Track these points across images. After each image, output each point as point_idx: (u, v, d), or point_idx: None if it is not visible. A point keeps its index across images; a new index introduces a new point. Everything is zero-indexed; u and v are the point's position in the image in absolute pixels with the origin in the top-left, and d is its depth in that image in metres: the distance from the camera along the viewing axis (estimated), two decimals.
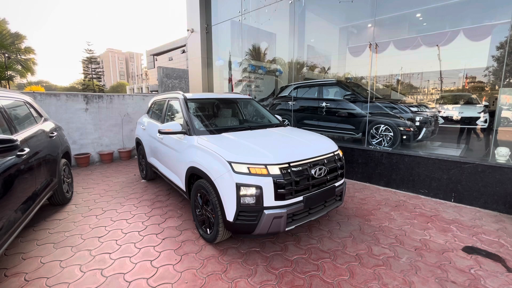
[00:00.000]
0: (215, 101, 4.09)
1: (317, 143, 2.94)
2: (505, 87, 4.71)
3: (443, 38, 6.28)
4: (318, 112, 6.53)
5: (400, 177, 4.32)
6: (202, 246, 2.71)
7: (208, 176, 2.53)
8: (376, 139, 5.32)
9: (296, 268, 2.35)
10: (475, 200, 3.63)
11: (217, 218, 2.50)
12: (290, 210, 2.37)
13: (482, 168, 3.54)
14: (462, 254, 2.57)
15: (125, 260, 2.47)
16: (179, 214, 3.48)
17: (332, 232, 2.99)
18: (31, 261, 2.45)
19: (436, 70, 7.02)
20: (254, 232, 2.34)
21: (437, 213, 3.47)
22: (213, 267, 2.37)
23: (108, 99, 6.41)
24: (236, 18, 7.71)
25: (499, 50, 5.79)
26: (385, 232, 2.99)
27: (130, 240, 2.82)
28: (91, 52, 41.27)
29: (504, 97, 4.54)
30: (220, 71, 8.83)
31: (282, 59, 8.89)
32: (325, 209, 2.76)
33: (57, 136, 3.63)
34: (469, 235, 2.91)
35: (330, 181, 2.74)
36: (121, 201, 3.95)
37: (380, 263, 2.41)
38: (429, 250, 2.62)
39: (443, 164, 3.86)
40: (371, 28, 6.69)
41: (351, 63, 7.98)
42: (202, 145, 2.78)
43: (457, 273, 2.27)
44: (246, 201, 2.30)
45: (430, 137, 5.59)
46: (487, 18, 5.72)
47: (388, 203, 3.84)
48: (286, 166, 2.39)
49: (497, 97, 6.10)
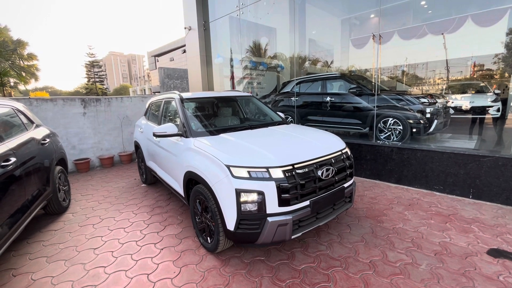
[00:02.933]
0: (213, 100, 3.89)
1: (323, 142, 2.72)
2: None
3: (450, 25, 5.94)
4: (322, 107, 6.28)
5: (412, 173, 4.07)
6: (202, 256, 2.53)
7: (205, 181, 2.33)
8: (384, 133, 5.05)
9: (305, 279, 2.14)
10: (495, 196, 3.36)
11: (217, 227, 2.31)
12: (296, 216, 2.16)
13: (503, 161, 3.27)
14: (487, 258, 2.33)
15: (120, 275, 2.30)
16: (179, 220, 3.30)
17: (342, 236, 2.78)
18: (21, 278, 2.30)
19: (443, 59, 6.69)
20: (258, 242, 2.15)
21: (455, 212, 3.22)
22: (214, 280, 2.18)
23: (106, 102, 6.27)
24: (234, 13, 7.46)
25: (509, 36, 5.46)
26: (400, 234, 2.76)
27: (127, 251, 2.66)
28: (93, 56, 41.37)
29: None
30: (220, 69, 8.61)
31: (284, 54, 8.63)
32: (334, 212, 2.55)
33: (50, 142, 3.48)
34: (493, 236, 2.67)
35: (339, 182, 2.52)
36: (120, 207, 3.79)
37: (397, 271, 2.19)
38: (450, 254, 2.39)
39: (459, 158, 3.60)
40: (374, 18, 6.40)
41: (355, 55, 7.69)
42: (199, 147, 2.59)
43: (485, 281, 2.04)
44: (247, 208, 2.10)
45: (442, 130, 5.30)
46: (497, 2, 5.39)
47: (400, 201, 3.60)
48: (290, 169, 2.18)
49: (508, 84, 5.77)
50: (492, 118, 5.74)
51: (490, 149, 4.55)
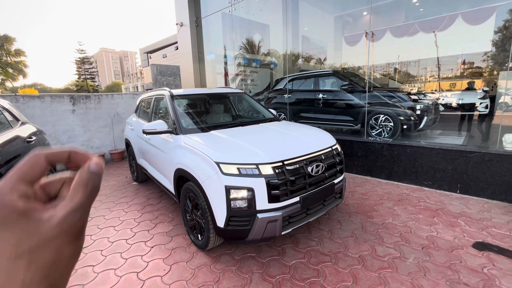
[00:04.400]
0: (205, 97, 3.85)
1: (313, 138, 2.73)
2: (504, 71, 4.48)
3: (441, 23, 6.02)
4: (315, 104, 6.29)
5: (402, 169, 4.12)
6: (193, 254, 2.52)
7: (195, 178, 2.32)
8: (376, 130, 5.10)
9: (295, 275, 2.16)
10: (482, 190, 3.44)
11: (207, 224, 2.30)
12: (286, 213, 2.17)
13: (489, 156, 3.34)
14: (472, 251, 2.38)
15: (109, 273, 2.27)
16: (171, 218, 3.28)
17: (333, 231, 2.81)
18: None
19: (434, 56, 6.79)
20: (248, 238, 2.15)
21: (443, 206, 3.28)
22: (205, 277, 2.18)
23: (96, 99, 6.15)
24: (226, 10, 7.39)
25: (497, 34, 5.55)
26: (389, 229, 2.80)
27: (116, 250, 2.63)
28: (83, 52, 40.59)
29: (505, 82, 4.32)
30: (212, 66, 8.54)
31: (277, 51, 8.60)
32: (325, 208, 2.56)
33: (36, 140, 3.40)
34: (478, 229, 2.73)
35: (329, 178, 2.53)
36: (110, 206, 3.75)
37: (385, 265, 2.23)
38: (437, 248, 2.44)
39: (448, 154, 3.66)
40: (367, 16, 6.43)
41: (348, 52, 7.72)
42: (189, 144, 2.56)
43: (470, 274, 2.09)
44: (237, 204, 2.10)
45: (431, 126, 5.39)
46: (486, 1, 5.47)
47: (390, 197, 3.65)
48: (280, 165, 2.18)
49: (496, 82, 5.88)
50: (480, 114, 5.85)
51: (477, 145, 4.65)
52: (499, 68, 5.92)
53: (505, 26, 5.30)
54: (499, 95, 5.52)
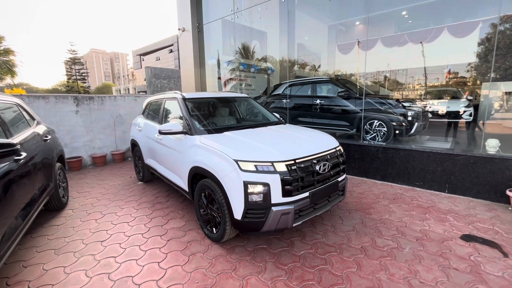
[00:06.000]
0: (213, 100, 4.07)
1: (319, 140, 2.98)
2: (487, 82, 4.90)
3: (428, 35, 6.48)
4: (312, 110, 6.60)
5: (396, 171, 4.44)
6: (208, 246, 2.70)
7: (213, 175, 2.52)
8: (370, 134, 5.43)
9: (305, 263, 2.38)
10: (468, 190, 3.78)
11: (224, 217, 2.50)
12: (297, 206, 2.40)
13: (474, 159, 3.69)
14: (460, 242, 2.67)
15: (131, 263, 2.43)
16: (181, 215, 3.45)
17: (336, 226, 3.05)
18: (33, 269, 2.38)
19: (421, 66, 7.25)
20: (262, 229, 2.36)
21: (433, 204, 3.59)
22: (222, 266, 2.37)
23: (99, 101, 6.25)
24: (229, 17, 7.66)
25: (480, 46, 6.02)
26: (386, 224, 3.07)
27: (134, 243, 2.78)
28: (75, 53, 40.00)
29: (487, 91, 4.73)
30: (213, 70, 8.76)
31: (274, 57, 8.92)
32: (329, 203, 2.81)
33: (51, 139, 3.51)
34: (465, 224, 3.04)
35: (334, 176, 2.78)
36: (120, 204, 3.87)
37: (385, 254, 2.48)
38: (429, 239, 2.72)
39: (437, 156, 4.00)
40: (359, 25, 6.83)
41: (341, 60, 8.09)
42: (206, 144, 2.76)
43: (458, 260, 2.37)
44: (254, 198, 2.31)
45: (421, 131, 5.77)
46: (470, 15, 5.94)
47: (386, 196, 3.94)
48: (292, 163, 2.42)
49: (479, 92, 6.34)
50: (465, 122, 6.28)
51: (462, 149, 5.02)
52: (481, 78, 6.39)
53: (487, 39, 5.77)
54: (482, 104, 5.97)
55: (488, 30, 5.77)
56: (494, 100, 5.48)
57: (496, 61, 4.13)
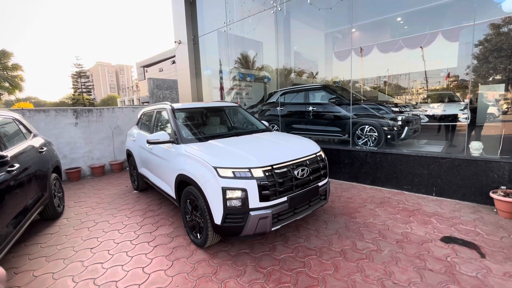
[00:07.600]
0: (202, 110, 4.21)
1: (300, 146, 3.08)
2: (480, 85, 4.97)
3: (423, 40, 6.62)
4: (305, 116, 6.70)
5: (385, 175, 4.49)
6: (193, 251, 2.78)
7: (195, 182, 2.63)
8: (362, 139, 5.50)
9: (284, 266, 2.45)
10: (454, 193, 3.80)
11: (205, 222, 2.59)
12: (275, 211, 2.48)
13: (458, 162, 3.73)
14: (440, 244, 2.71)
15: (117, 269, 2.52)
16: (171, 222, 3.55)
17: (319, 230, 3.11)
18: (24, 275, 2.49)
19: (419, 70, 7.39)
20: (242, 234, 2.44)
21: (419, 207, 3.63)
22: (204, 270, 2.45)
23: (97, 113, 6.47)
24: (222, 29, 7.92)
25: (478, 47, 6.11)
26: (369, 227, 3.12)
27: (122, 249, 2.88)
28: (80, 66, 41.14)
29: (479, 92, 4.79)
30: (209, 80, 8.99)
31: (270, 66, 9.12)
32: (310, 208, 2.88)
33: (46, 151, 3.68)
34: (448, 226, 3.07)
35: (314, 181, 2.86)
36: (113, 212, 3.99)
37: (363, 257, 2.53)
38: (409, 242, 2.76)
39: (423, 160, 4.05)
40: (355, 33, 6.99)
41: (338, 67, 8.25)
42: (189, 152, 2.88)
43: (435, 262, 2.41)
44: (233, 204, 2.41)
45: (413, 136, 5.81)
46: (462, 20, 6.06)
47: (373, 200, 3.99)
48: (269, 169, 2.52)
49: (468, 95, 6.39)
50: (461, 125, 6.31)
51: (450, 151, 5.04)
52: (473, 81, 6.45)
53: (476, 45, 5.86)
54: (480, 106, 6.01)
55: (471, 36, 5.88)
56: (486, 104, 5.55)
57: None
